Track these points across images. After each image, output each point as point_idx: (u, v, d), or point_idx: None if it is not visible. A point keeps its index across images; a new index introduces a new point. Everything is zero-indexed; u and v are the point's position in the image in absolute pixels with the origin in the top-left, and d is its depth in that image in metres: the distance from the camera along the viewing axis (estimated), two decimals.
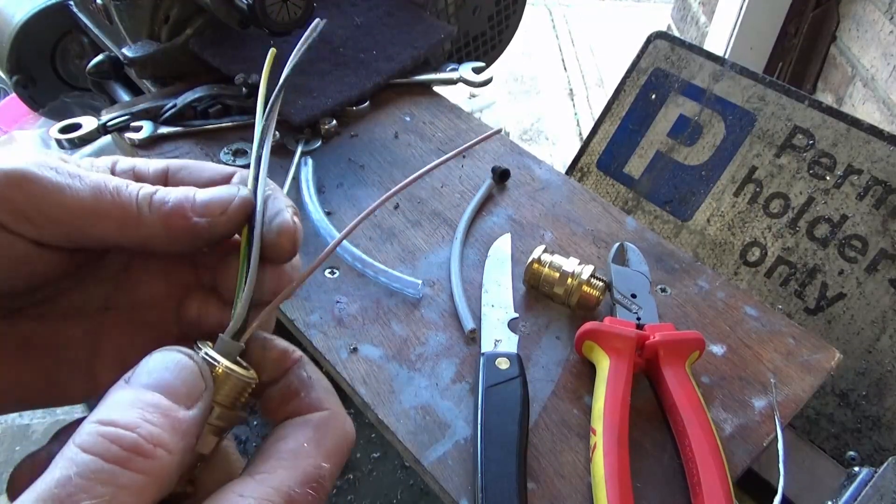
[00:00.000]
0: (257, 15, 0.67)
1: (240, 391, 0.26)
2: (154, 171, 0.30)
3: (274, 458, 0.24)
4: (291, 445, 0.25)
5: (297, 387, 0.27)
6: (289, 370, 0.28)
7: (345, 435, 0.27)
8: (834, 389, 0.66)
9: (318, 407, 0.27)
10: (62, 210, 0.25)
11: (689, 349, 0.49)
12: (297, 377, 0.28)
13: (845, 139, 0.69)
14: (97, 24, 0.81)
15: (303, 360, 0.28)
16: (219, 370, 0.25)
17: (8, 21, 0.82)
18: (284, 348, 0.28)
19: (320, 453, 0.25)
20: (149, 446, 0.21)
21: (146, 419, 0.21)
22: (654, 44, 0.81)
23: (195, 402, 0.23)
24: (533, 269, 0.55)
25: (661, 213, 0.78)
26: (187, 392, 0.23)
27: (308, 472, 0.24)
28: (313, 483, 0.24)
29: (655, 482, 0.45)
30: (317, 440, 0.25)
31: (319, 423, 0.26)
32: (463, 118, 0.75)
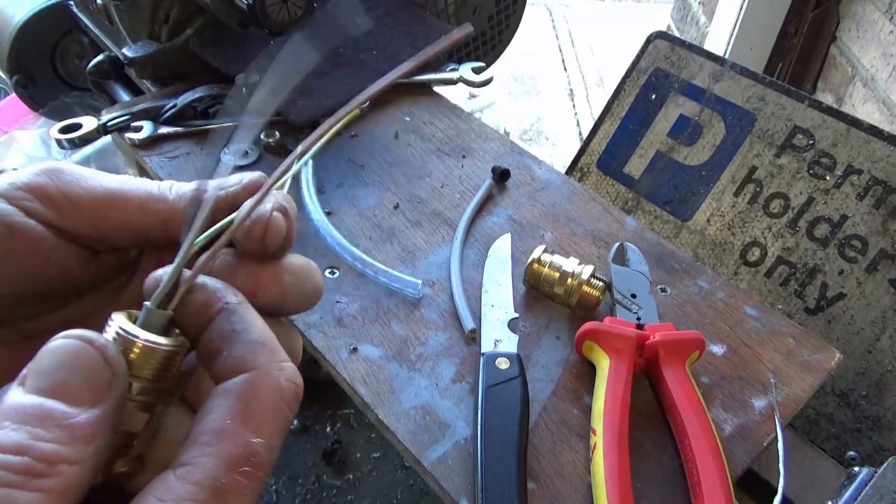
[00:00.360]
0: (257, 15, 0.67)
1: (164, 364, 0.23)
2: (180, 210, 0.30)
3: (196, 444, 0.21)
4: (214, 425, 0.22)
5: (218, 345, 0.24)
6: (210, 323, 0.24)
7: (280, 393, 0.23)
8: (834, 389, 0.66)
9: (242, 367, 0.23)
10: (88, 195, 0.26)
11: (689, 349, 0.49)
12: (217, 332, 0.24)
13: (845, 139, 0.69)
14: (97, 24, 0.81)
15: (228, 308, 0.24)
16: (136, 346, 0.23)
17: (8, 21, 0.82)
18: (206, 297, 0.24)
19: (247, 428, 0.22)
20: (42, 466, 0.19)
21: (37, 436, 0.19)
22: (654, 44, 0.81)
23: (101, 396, 0.21)
24: (533, 269, 0.55)
25: (661, 213, 0.78)
26: (89, 388, 0.21)
27: (234, 454, 0.21)
28: (243, 465, 0.21)
29: (655, 482, 0.45)
30: (241, 412, 0.22)
31: (243, 390, 0.22)
32: (463, 118, 0.75)
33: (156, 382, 0.23)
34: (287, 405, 0.23)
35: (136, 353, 0.23)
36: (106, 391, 0.21)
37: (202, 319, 0.24)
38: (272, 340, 0.24)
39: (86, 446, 0.20)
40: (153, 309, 0.24)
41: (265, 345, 0.24)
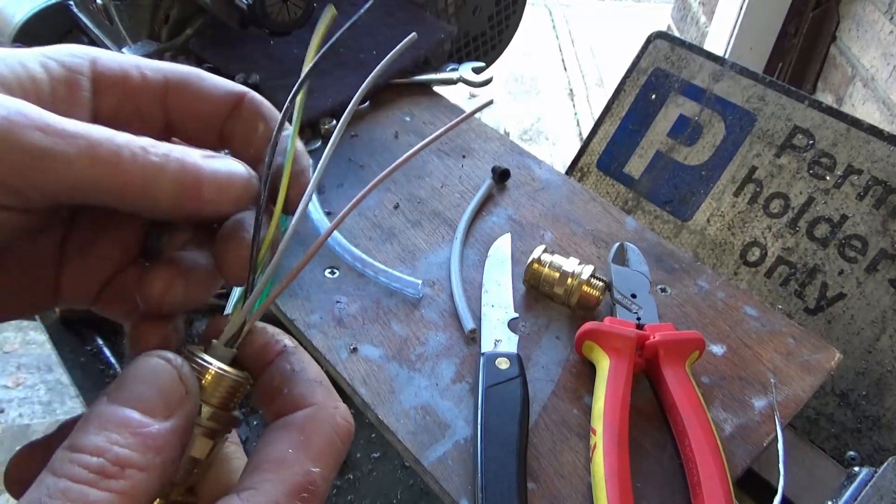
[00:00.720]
0: (257, 15, 0.67)
1: (231, 392, 0.25)
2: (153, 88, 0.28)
3: (259, 471, 0.23)
4: (276, 454, 0.24)
5: (279, 383, 0.26)
6: (270, 363, 0.26)
7: (335, 429, 0.25)
8: (834, 389, 0.66)
9: (301, 404, 0.25)
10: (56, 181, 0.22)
11: (689, 349, 0.49)
12: (278, 371, 0.26)
13: (845, 139, 0.69)
14: (97, 24, 0.81)
15: (287, 350, 0.26)
16: (209, 372, 0.25)
17: (8, 21, 0.82)
18: (266, 340, 0.27)
19: (307, 458, 0.24)
20: (114, 469, 0.21)
21: (113, 441, 0.21)
22: (654, 44, 0.81)
23: (174, 410, 0.23)
24: (533, 269, 0.55)
25: (661, 213, 0.78)
26: (164, 402, 0.23)
27: (295, 481, 0.23)
28: (303, 492, 0.23)
29: (655, 482, 0.45)
30: (302, 443, 0.24)
31: (304, 424, 0.24)
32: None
33: (222, 410, 0.25)
34: (341, 440, 0.25)
35: (207, 380, 0.25)
36: (178, 406, 0.23)
37: (263, 360, 0.26)
38: (327, 381, 0.26)
39: (155, 456, 0.21)
40: (220, 346, 0.26)
41: (322, 384, 0.26)
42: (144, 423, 0.22)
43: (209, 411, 0.25)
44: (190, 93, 0.29)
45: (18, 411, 1.39)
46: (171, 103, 0.29)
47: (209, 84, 0.29)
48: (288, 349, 0.26)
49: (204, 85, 0.29)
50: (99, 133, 0.23)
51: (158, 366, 0.23)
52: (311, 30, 0.30)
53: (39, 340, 1.43)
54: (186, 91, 0.29)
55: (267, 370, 0.26)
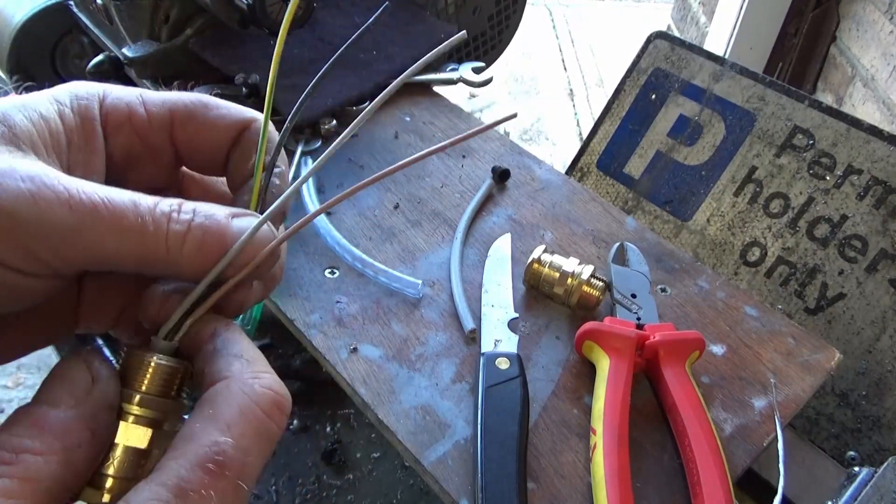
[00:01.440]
0: (257, 15, 0.67)
1: (164, 379, 0.25)
2: (158, 123, 0.28)
3: (168, 451, 0.23)
4: (185, 431, 0.23)
5: (202, 364, 0.25)
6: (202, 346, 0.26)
7: (253, 398, 0.23)
8: (834, 389, 0.66)
9: (216, 379, 0.24)
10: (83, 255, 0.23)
11: (689, 349, 0.49)
12: (203, 354, 0.25)
13: (845, 139, 0.69)
14: (97, 24, 0.81)
15: (215, 333, 0.26)
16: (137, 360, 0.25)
17: (8, 21, 0.82)
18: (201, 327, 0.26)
19: (215, 427, 0.22)
20: (9, 455, 0.21)
21: (13, 433, 0.22)
22: (654, 44, 0.81)
23: (79, 399, 0.23)
24: (533, 269, 0.55)
25: (661, 213, 0.78)
26: (69, 392, 0.23)
27: (199, 452, 0.22)
28: (208, 463, 0.22)
29: (655, 482, 0.45)
30: (209, 415, 0.23)
31: (213, 397, 0.23)
32: (463, 118, 0.75)
33: (154, 395, 0.25)
34: (263, 410, 0.24)
35: (129, 364, 0.25)
36: (84, 394, 0.23)
37: (196, 347, 0.26)
38: (254, 353, 0.25)
39: (53, 440, 0.22)
40: (160, 341, 0.26)
41: (242, 357, 0.25)
42: (43, 412, 0.22)
43: (140, 398, 0.25)
44: (194, 125, 0.29)
45: None
46: (177, 136, 0.29)
47: (214, 115, 0.30)
48: (216, 332, 0.26)
49: (209, 116, 0.29)
50: (122, 201, 0.24)
51: (69, 362, 0.24)
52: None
53: None
54: (191, 123, 0.29)
55: (196, 356, 0.26)
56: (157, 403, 0.25)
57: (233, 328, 0.26)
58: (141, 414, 0.25)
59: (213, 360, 0.25)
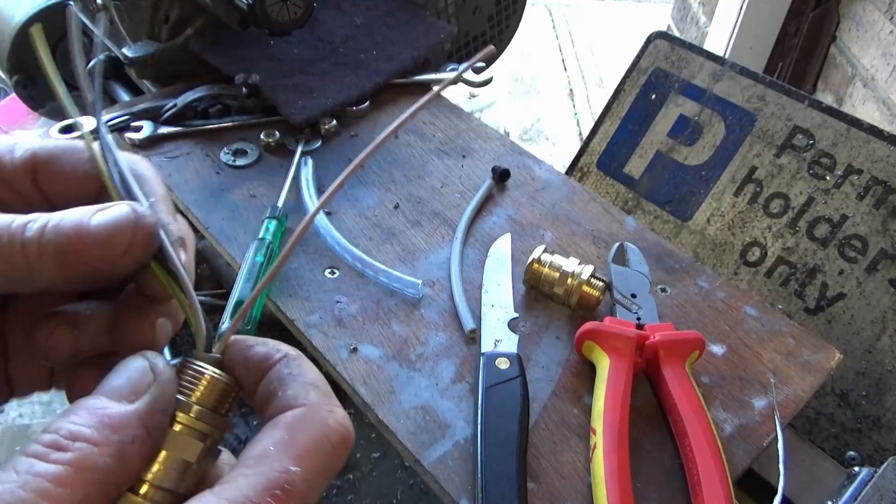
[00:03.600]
0: (257, 15, 0.67)
1: (220, 394, 0.26)
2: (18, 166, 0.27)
3: (237, 467, 0.23)
4: (257, 451, 0.23)
5: (275, 386, 0.26)
6: (269, 369, 0.26)
7: (326, 432, 0.24)
8: (834, 389, 0.66)
9: (293, 405, 0.25)
10: None
11: (689, 349, 0.49)
12: (276, 376, 0.26)
13: (845, 139, 0.69)
14: (97, 24, 0.81)
15: (287, 357, 0.26)
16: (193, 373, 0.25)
17: (8, 21, 0.82)
18: (267, 351, 0.27)
19: (289, 455, 0.23)
20: (65, 442, 0.21)
21: (72, 420, 0.22)
22: (654, 44, 0.81)
23: (138, 395, 0.23)
24: (533, 269, 0.55)
25: (661, 213, 0.78)
26: (130, 388, 0.23)
27: (270, 476, 0.22)
28: (276, 489, 0.22)
29: (655, 482, 0.45)
30: (286, 441, 0.23)
31: (291, 422, 0.24)
32: (463, 118, 0.75)
33: (209, 410, 0.25)
34: (333, 445, 0.24)
35: (188, 377, 0.25)
36: (144, 391, 0.23)
37: (263, 368, 0.26)
38: (325, 385, 0.26)
39: (110, 433, 0.22)
40: (203, 355, 0.26)
41: (318, 387, 0.25)
42: (103, 404, 0.23)
43: (197, 410, 0.25)
44: (55, 169, 0.28)
45: (18, 411, 1.39)
46: (41, 181, 0.28)
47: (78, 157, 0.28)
48: (289, 356, 0.26)
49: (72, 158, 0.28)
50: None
51: (133, 359, 0.24)
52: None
53: None
54: (52, 167, 0.28)
55: (266, 376, 0.26)
56: (210, 418, 0.25)
57: (302, 356, 0.27)
58: (194, 426, 0.25)
59: (288, 384, 0.25)
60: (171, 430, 0.24)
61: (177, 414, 0.25)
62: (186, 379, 0.25)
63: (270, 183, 0.66)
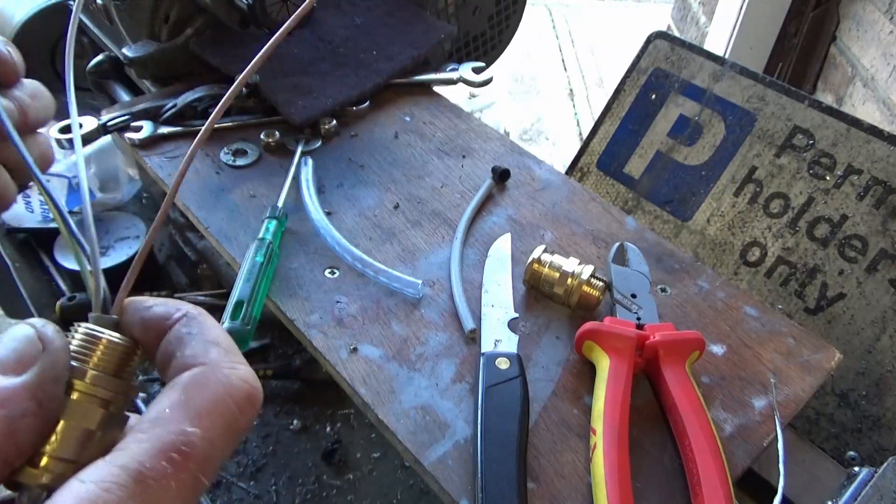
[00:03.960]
0: (257, 15, 0.67)
1: (119, 358, 0.25)
2: None
3: (131, 432, 0.22)
4: (152, 414, 0.22)
5: (173, 346, 0.24)
6: (167, 330, 0.25)
7: (227, 389, 0.23)
8: (834, 389, 0.66)
9: (191, 364, 0.23)
10: None
11: (689, 349, 0.49)
12: (174, 335, 0.25)
13: (845, 139, 0.69)
14: (97, 24, 0.81)
15: (187, 316, 0.25)
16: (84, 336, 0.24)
17: (8, 21, 0.82)
18: (165, 310, 0.25)
19: (185, 416, 0.22)
20: None
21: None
22: (654, 44, 0.81)
23: (26, 366, 0.22)
24: (533, 269, 0.55)
25: (661, 213, 0.78)
26: (16, 359, 0.22)
27: (165, 440, 0.21)
28: (172, 452, 0.21)
29: (655, 482, 0.45)
30: (182, 401, 0.22)
31: (188, 382, 0.23)
32: (463, 118, 0.75)
33: (108, 375, 0.24)
34: (236, 403, 0.23)
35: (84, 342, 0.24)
36: (32, 361, 0.22)
37: (162, 329, 0.25)
38: (229, 342, 0.25)
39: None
40: (98, 316, 0.25)
41: (219, 345, 0.24)
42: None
43: (94, 376, 0.24)
44: None
45: None
46: None
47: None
48: (189, 314, 0.25)
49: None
50: None
51: (19, 328, 0.23)
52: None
53: None
54: None
55: (165, 336, 0.25)
56: (109, 383, 0.24)
57: (204, 314, 0.26)
58: (91, 392, 0.23)
59: (186, 343, 0.24)
60: (69, 399, 0.23)
61: (73, 381, 0.23)
62: (82, 344, 0.24)
63: (270, 183, 0.66)
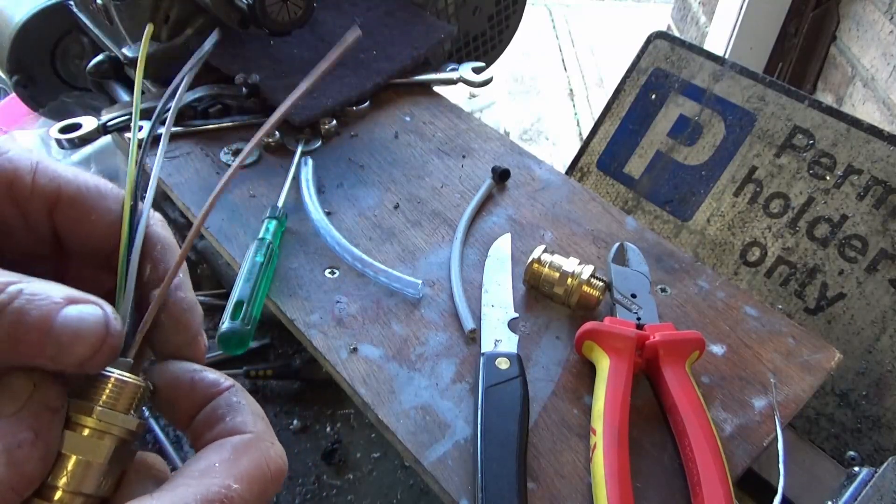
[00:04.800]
0: (257, 15, 0.67)
1: (128, 396, 0.26)
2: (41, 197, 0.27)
3: (180, 477, 0.24)
4: (202, 465, 0.24)
5: (223, 411, 0.27)
6: (218, 395, 0.27)
7: (266, 459, 0.26)
8: (834, 389, 0.66)
9: (241, 430, 0.26)
10: None
11: (689, 349, 0.49)
12: (224, 401, 0.27)
13: (845, 139, 0.69)
14: (97, 24, 0.81)
15: (235, 387, 0.28)
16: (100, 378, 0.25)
17: (8, 21, 0.82)
18: (216, 378, 0.28)
19: (231, 473, 0.24)
20: None
21: None
22: (654, 44, 0.81)
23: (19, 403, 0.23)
24: (533, 269, 0.55)
25: (661, 213, 0.78)
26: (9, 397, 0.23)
27: (211, 489, 0.23)
28: (216, 501, 0.23)
29: (655, 482, 0.45)
30: (230, 460, 0.25)
31: (238, 445, 0.25)
32: (463, 118, 0.75)
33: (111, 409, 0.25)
34: (271, 474, 0.26)
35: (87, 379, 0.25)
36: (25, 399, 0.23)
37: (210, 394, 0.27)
38: (265, 419, 0.28)
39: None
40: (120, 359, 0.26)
41: (263, 419, 0.27)
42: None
43: (97, 410, 0.25)
44: (81, 210, 0.27)
45: None
46: (58, 218, 0.27)
47: (105, 205, 0.28)
48: (236, 386, 0.28)
49: (99, 205, 0.28)
50: None
51: (8, 374, 0.23)
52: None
53: None
54: (77, 208, 0.27)
55: (213, 401, 0.27)
56: (114, 417, 0.25)
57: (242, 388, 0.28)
58: (97, 427, 0.25)
59: (237, 411, 0.27)
60: (77, 434, 0.24)
61: (79, 418, 0.25)
62: (89, 382, 0.25)
63: (270, 183, 0.66)
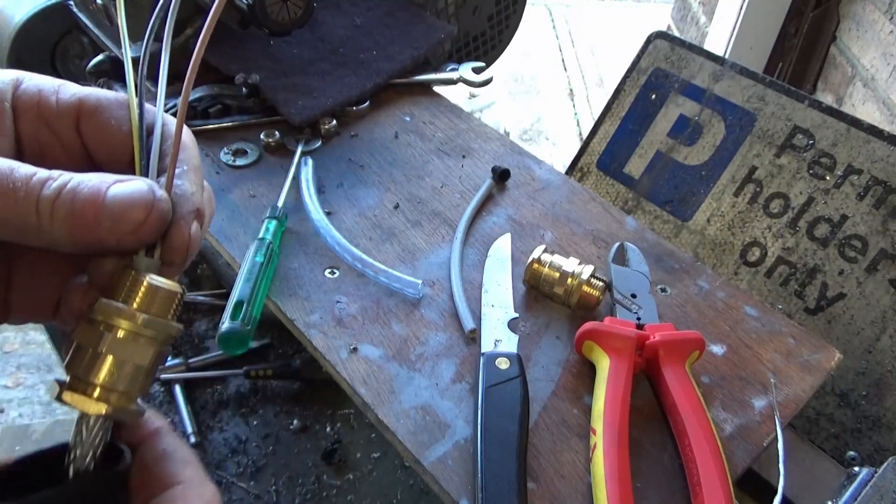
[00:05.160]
0: (257, 15, 0.67)
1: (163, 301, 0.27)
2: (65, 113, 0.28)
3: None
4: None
5: (150, 463, 0.27)
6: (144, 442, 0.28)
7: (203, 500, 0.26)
8: (834, 389, 0.66)
9: (172, 482, 0.26)
10: None
11: (689, 349, 0.49)
12: (150, 452, 0.27)
13: (845, 139, 0.69)
14: (97, 24, 0.81)
15: (161, 431, 0.28)
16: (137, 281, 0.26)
17: (8, 21, 0.82)
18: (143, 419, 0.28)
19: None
20: None
21: None
22: (654, 44, 0.81)
23: None
24: (533, 269, 0.55)
25: (661, 213, 0.78)
26: None
27: None
28: None
29: (655, 482, 0.45)
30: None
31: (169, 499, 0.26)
32: (463, 118, 0.75)
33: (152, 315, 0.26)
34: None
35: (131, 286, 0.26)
36: None
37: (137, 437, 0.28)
38: (195, 460, 0.28)
39: None
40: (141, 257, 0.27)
41: (191, 462, 0.28)
42: None
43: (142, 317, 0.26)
44: (101, 119, 0.29)
45: (18, 411, 1.39)
46: (83, 129, 0.29)
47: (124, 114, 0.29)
48: (162, 430, 0.28)
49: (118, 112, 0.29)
50: None
51: None
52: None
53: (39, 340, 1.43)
54: (98, 118, 0.29)
55: (140, 448, 0.27)
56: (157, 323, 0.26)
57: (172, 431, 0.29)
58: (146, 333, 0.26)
59: (164, 461, 0.27)
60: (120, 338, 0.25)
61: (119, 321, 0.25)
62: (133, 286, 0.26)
63: (270, 183, 0.66)
